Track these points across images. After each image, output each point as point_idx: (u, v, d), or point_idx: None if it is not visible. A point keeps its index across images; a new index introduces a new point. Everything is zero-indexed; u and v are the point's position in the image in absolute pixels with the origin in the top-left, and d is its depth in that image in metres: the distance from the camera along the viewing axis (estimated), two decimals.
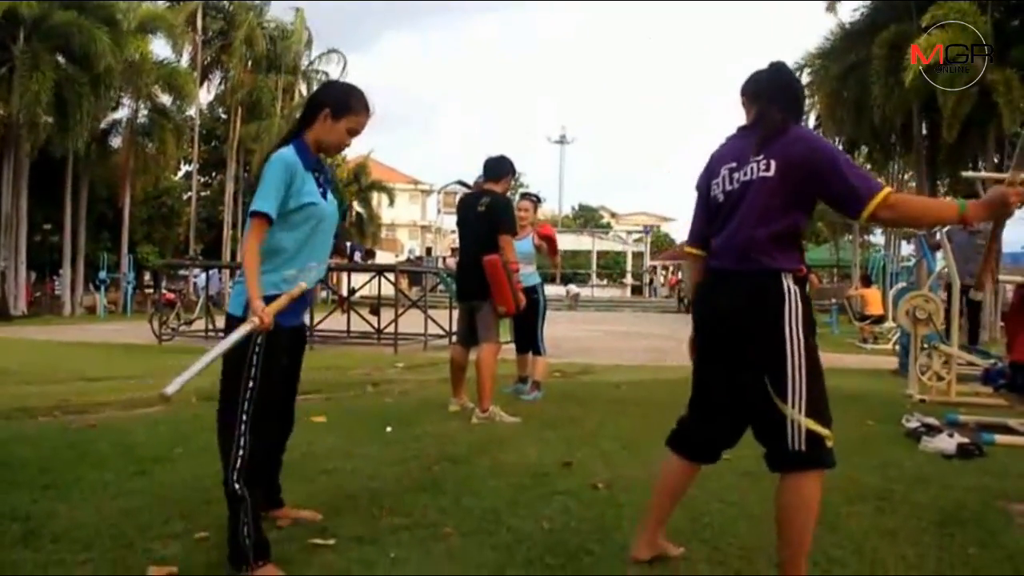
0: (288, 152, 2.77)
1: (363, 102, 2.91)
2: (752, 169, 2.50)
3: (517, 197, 7.51)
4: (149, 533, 2.98)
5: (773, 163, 2.46)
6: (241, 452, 2.67)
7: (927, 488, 3.81)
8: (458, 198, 6.48)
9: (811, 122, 25.58)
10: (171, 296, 18.73)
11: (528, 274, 6.79)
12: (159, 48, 29.88)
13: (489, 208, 5.68)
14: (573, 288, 37.65)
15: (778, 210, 2.46)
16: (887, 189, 2.37)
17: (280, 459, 3.19)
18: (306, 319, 3.05)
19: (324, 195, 2.84)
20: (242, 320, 2.72)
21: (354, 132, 2.88)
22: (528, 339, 6.82)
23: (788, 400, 2.38)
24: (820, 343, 2.53)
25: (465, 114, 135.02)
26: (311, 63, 33.76)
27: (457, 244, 6.20)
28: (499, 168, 5.90)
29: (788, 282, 2.44)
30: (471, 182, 6.24)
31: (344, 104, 2.86)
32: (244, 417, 2.69)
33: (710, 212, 2.67)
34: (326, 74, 33.46)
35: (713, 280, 2.63)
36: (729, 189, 2.57)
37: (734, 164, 2.57)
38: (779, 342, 2.40)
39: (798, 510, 2.40)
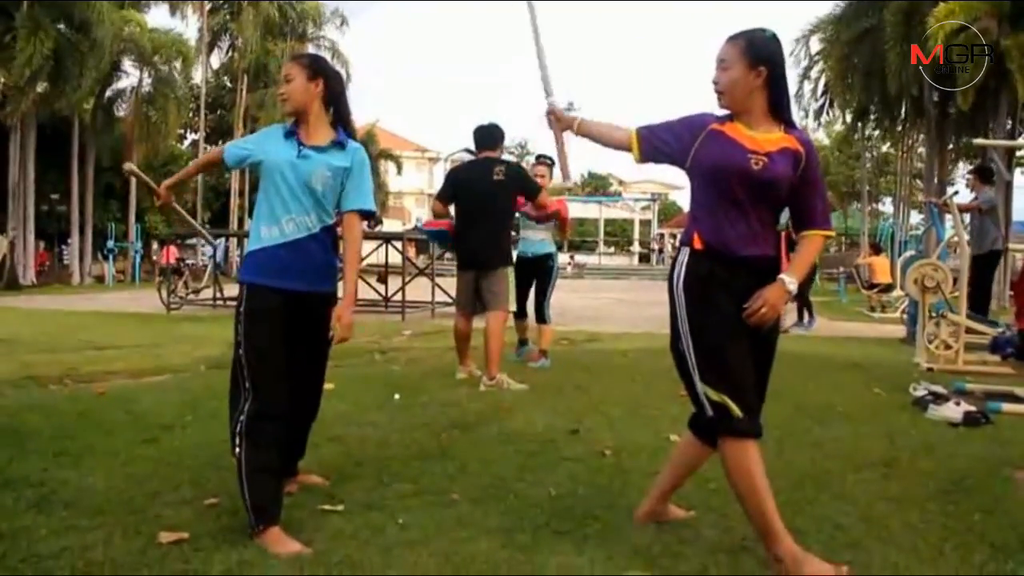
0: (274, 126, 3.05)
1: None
2: None
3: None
4: (159, 499, 3.01)
5: None
6: (242, 416, 2.71)
7: (933, 456, 3.82)
8: (453, 165, 6.50)
9: (819, 88, 25.39)
10: (168, 258, 18.61)
11: (542, 242, 6.82)
12: (165, 18, 29.71)
13: (509, 176, 5.68)
14: (580, 258, 37.65)
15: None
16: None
17: (302, 437, 3.15)
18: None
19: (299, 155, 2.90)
20: (245, 285, 2.83)
21: (285, 79, 2.98)
22: (536, 307, 6.86)
23: (689, 368, 2.52)
24: (828, 311, 2.56)
25: (472, 81, 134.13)
26: (317, 27, 33.51)
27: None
28: (494, 135, 5.90)
29: (681, 254, 2.58)
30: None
31: None
32: (246, 384, 2.74)
33: None
34: (332, 41, 33.31)
35: None
36: None
37: None
38: (672, 311, 2.57)
39: (733, 476, 2.48)
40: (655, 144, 2.65)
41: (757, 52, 2.53)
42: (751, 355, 2.52)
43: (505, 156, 6.12)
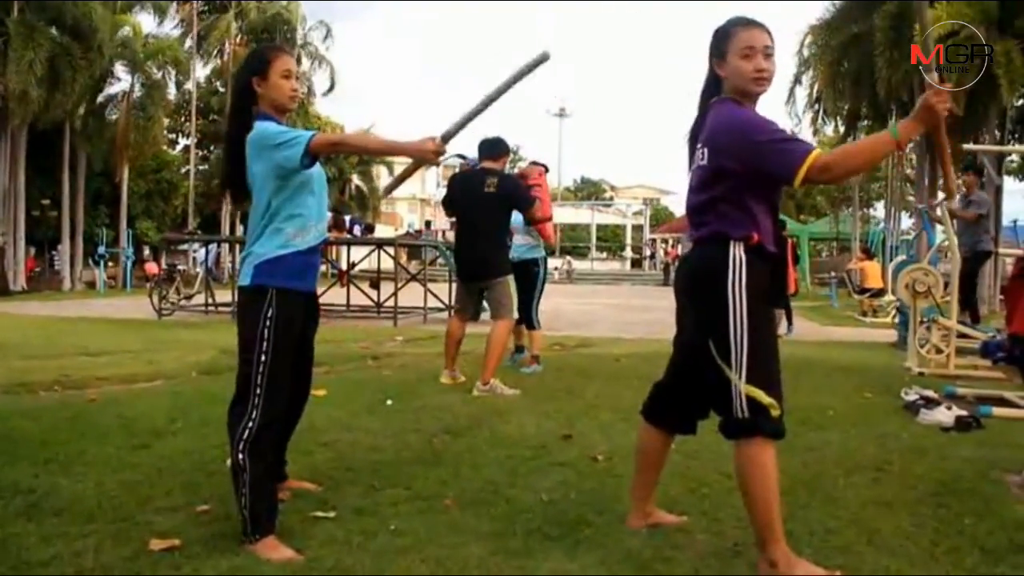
0: (260, 124, 2.80)
1: (277, 48, 3.03)
2: (697, 157, 2.58)
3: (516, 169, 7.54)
4: (150, 506, 2.99)
5: (707, 151, 2.52)
6: (251, 424, 2.68)
7: (924, 459, 3.83)
8: (450, 175, 6.52)
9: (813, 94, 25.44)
10: (157, 270, 18.48)
11: (526, 247, 6.82)
12: (148, 19, 29.80)
13: (501, 188, 5.69)
14: (574, 263, 37.84)
15: (713, 181, 2.50)
16: (816, 151, 2.34)
17: (289, 434, 3.18)
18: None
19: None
20: (253, 290, 2.75)
21: (289, 74, 2.87)
22: (523, 312, 6.85)
23: (731, 365, 2.44)
24: (819, 316, 2.55)
25: (463, 85, 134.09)
26: (304, 35, 33.55)
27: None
28: (498, 147, 5.91)
29: (735, 249, 2.46)
30: (469, 155, 6.22)
31: (262, 60, 2.88)
32: (258, 391, 2.70)
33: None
34: (315, 48, 33.45)
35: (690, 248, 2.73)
36: (693, 169, 2.64)
37: (699, 146, 2.60)
38: (723, 308, 2.45)
39: (750, 477, 2.44)
40: None
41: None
42: None
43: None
